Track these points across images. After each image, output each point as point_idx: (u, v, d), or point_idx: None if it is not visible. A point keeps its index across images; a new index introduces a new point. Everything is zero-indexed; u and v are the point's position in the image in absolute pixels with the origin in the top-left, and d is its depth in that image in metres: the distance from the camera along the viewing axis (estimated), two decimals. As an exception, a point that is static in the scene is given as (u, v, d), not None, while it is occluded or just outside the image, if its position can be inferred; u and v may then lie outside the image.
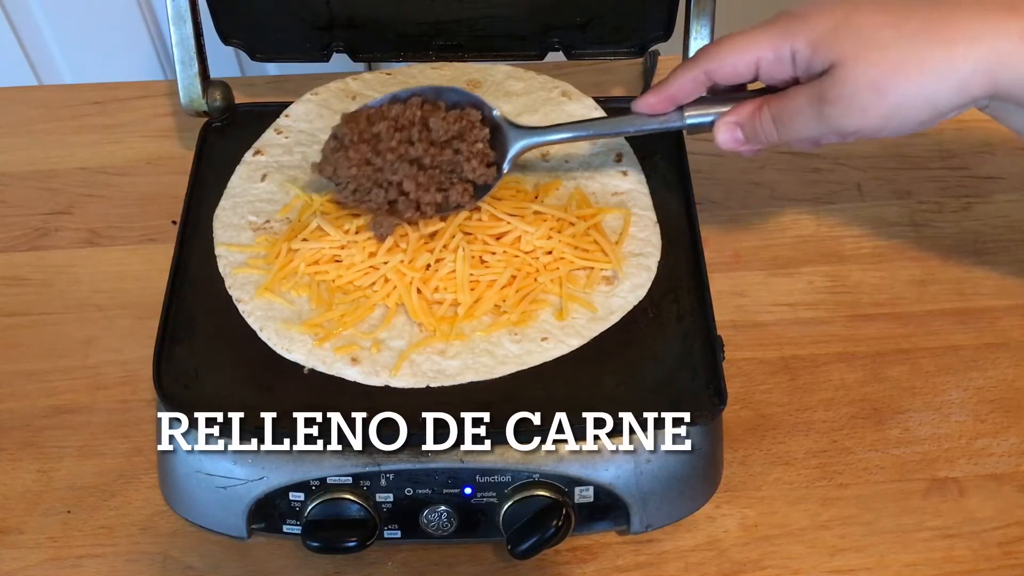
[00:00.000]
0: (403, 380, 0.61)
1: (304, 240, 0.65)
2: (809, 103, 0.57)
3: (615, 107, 0.75)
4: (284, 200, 0.70)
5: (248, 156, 0.73)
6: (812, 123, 0.58)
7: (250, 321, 0.63)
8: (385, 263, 0.64)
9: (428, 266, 0.64)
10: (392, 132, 0.65)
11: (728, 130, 0.61)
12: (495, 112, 0.66)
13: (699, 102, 0.63)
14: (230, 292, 0.65)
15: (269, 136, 0.74)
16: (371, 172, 0.65)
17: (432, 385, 0.61)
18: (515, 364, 0.61)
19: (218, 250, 0.67)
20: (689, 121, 0.63)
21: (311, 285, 0.64)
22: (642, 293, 0.65)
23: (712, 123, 0.63)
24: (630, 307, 0.64)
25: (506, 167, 0.66)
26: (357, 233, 0.65)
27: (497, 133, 0.66)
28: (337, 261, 0.65)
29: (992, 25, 0.53)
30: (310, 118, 0.75)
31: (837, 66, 0.55)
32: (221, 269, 0.66)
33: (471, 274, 0.64)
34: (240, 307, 0.64)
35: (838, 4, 0.56)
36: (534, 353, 0.62)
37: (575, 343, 0.62)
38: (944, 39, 0.54)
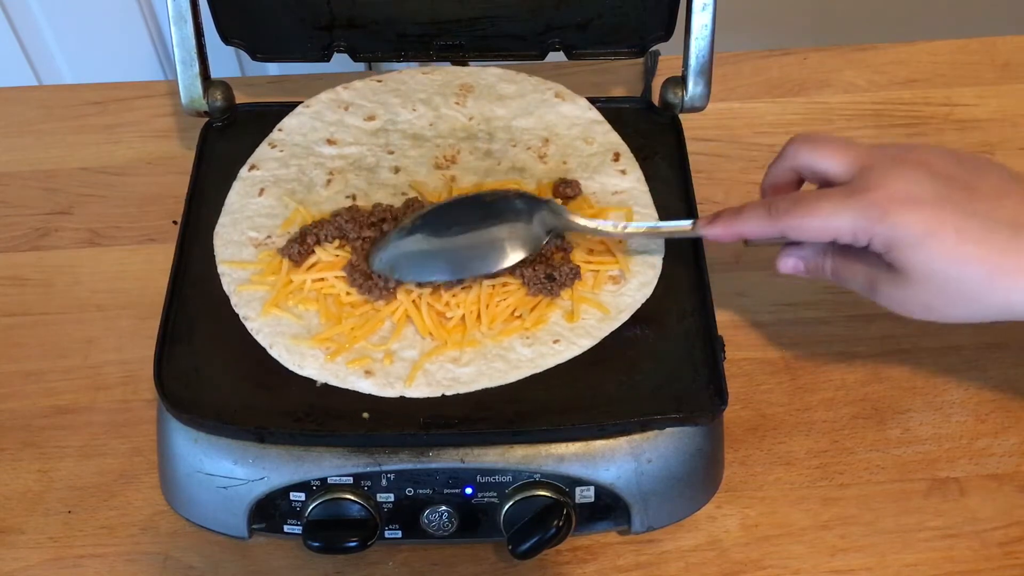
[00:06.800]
0: (418, 391, 0.60)
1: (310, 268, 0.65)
2: (867, 281, 0.60)
3: (615, 108, 0.75)
4: (283, 214, 0.68)
5: (244, 172, 0.72)
6: (863, 292, 0.61)
7: (259, 339, 0.62)
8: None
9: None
10: None
11: (794, 263, 0.64)
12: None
13: None
14: (236, 311, 0.64)
15: (263, 151, 0.73)
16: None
17: (447, 394, 0.60)
18: (529, 368, 0.61)
19: (220, 268, 0.66)
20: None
21: (319, 299, 0.64)
22: (649, 291, 0.65)
23: (766, 239, 0.62)
24: (639, 305, 0.64)
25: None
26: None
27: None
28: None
29: None
30: (304, 131, 0.74)
31: (901, 275, 0.57)
32: (225, 287, 0.65)
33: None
34: (248, 325, 0.63)
35: (927, 206, 0.56)
36: (547, 356, 0.61)
37: (586, 344, 0.62)
38: (1004, 287, 0.55)
